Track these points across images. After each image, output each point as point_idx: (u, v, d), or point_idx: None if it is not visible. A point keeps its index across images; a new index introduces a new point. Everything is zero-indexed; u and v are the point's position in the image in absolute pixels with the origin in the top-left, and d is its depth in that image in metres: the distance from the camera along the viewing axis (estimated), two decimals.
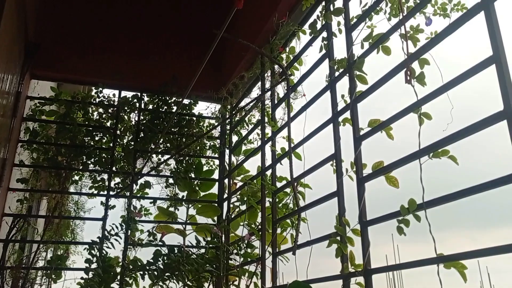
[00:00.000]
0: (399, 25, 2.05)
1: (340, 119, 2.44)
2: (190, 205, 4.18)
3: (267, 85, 3.48)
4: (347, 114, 2.39)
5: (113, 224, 3.48)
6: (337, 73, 2.50)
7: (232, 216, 3.96)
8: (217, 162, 4.38)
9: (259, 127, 3.66)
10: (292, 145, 2.91)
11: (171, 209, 4.07)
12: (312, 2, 2.78)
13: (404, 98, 2.01)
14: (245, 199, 3.91)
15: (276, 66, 3.37)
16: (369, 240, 2.03)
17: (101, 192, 3.90)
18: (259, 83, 3.65)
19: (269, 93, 3.42)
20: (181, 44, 4.50)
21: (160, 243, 3.67)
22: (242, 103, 4.12)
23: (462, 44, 1.86)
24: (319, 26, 2.75)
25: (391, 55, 2.26)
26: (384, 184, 2.16)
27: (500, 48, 1.50)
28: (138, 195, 3.99)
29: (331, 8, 2.59)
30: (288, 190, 3.25)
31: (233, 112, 4.11)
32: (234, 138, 4.28)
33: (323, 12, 2.67)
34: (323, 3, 2.70)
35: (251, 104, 3.63)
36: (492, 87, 1.49)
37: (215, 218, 4.14)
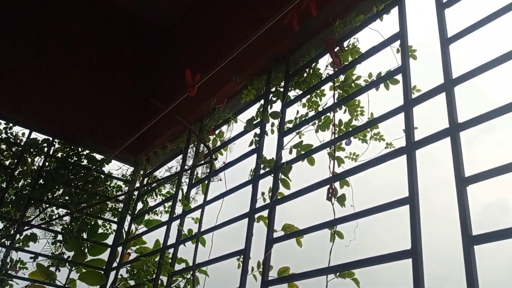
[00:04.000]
0: (329, 144, 2.20)
1: (256, 215, 2.48)
2: (73, 268, 3.84)
3: (189, 162, 3.47)
4: (264, 213, 2.45)
5: None
6: (262, 171, 2.58)
7: None
8: (114, 226, 4.15)
9: (169, 202, 3.59)
10: (202, 229, 2.87)
11: (52, 268, 3.70)
12: (252, 98, 2.91)
13: (321, 211, 2.12)
14: (135, 272, 3.71)
15: (202, 147, 3.40)
16: None
17: None
18: (180, 157, 3.64)
19: (188, 171, 3.40)
20: (109, 99, 4.40)
21: None
22: (157, 173, 4.05)
23: (384, 176, 2.04)
24: (254, 122, 2.87)
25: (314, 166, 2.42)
26: None
27: (415, 192, 1.66)
28: (17, 246, 3.61)
29: (269, 109, 2.74)
30: (184, 274, 3.15)
31: (147, 180, 4.00)
32: (139, 206, 4.12)
33: (261, 110, 2.80)
34: (262, 102, 2.85)
35: (168, 176, 3.57)
36: (404, 225, 1.63)
37: (98, 287, 3.83)
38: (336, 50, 2.41)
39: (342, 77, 2.44)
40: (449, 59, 1.73)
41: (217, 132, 3.38)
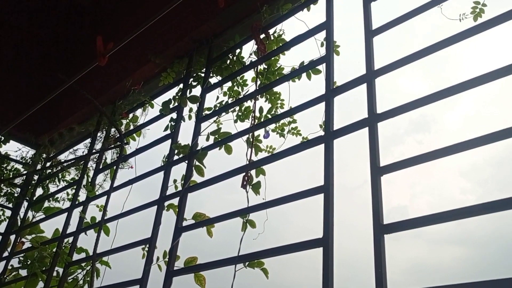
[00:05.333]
0: (248, 132, 2.13)
1: (167, 203, 2.34)
2: None
3: (97, 146, 3.23)
4: (175, 201, 2.31)
5: None
6: (176, 157, 2.44)
7: (6, 280, 3.33)
8: (8, 213, 3.76)
9: (73, 188, 3.31)
10: (106, 217, 2.66)
11: None
12: (171, 81, 2.76)
13: (235, 199, 2.04)
14: (29, 263, 3.38)
15: (113, 130, 3.18)
16: None
17: None
18: (89, 141, 3.39)
19: (96, 155, 3.16)
20: (4, 75, 3.97)
21: None
22: (62, 157, 3.74)
23: (300, 167, 2.00)
24: (171, 105, 2.72)
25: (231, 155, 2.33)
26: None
27: (330, 181, 1.64)
28: None
29: (187, 94, 2.61)
30: (84, 264, 2.91)
31: (50, 164, 3.67)
32: (39, 192, 3.77)
33: (179, 95, 2.66)
34: (181, 86, 2.71)
35: (72, 159, 3.30)
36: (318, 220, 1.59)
37: None
38: (261, 37, 2.35)
39: (265, 69, 2.39)
40: (372, 51, 1.74)
41: (130, 116, 3.18)
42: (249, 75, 2.53)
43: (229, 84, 2.55)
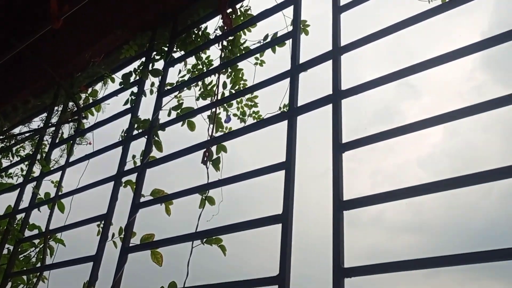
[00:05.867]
0: (211, 107, 2.07)
1: (124, 179, 2.26)
2: None
3: (54, 120, 3.09)
4: (133, 177, 2.24)
5: None
6: (135, 132, 2.36)
7: None
8: None
9: (26, 163, 3.17)
10: (61, 193, 2.56)
11: None
12: (132, 54, 2.66)
13: (195, 175, 1.99)
14: None
15: (70, 104, 3.05)
16: None
17: None
18: (45, 115, 3.24)
19: (52, 129, 3.03)
20: None
21: None
22: (16, 131, 3.57)
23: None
24: (132, 79, 2.62)
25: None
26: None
27: (292, 157, 1.61)
28: None
29: (150, 67, 2.52)
30: (36, 242, 2.79)
31: (3, 138, 3.49)
32: None
33: (141, 68, 2.57)
34: (144, 59, 2.61)
35: (27, 132, 3.15)
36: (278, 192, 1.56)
37: None
38: (228, 11, 2.29)
39: (230, 44, 2.33)
40: (339, 27, 1.71)
41: (90, 91, 3.06)
42: (215, 54, 2.47)
43: (194, 62, 2.48)
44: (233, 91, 2.15)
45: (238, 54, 2.18)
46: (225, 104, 2.41)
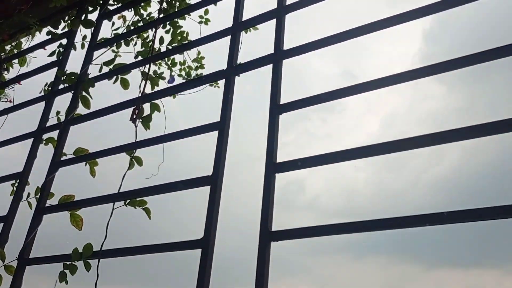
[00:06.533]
0: (145, 62, 1.93)
1: (45, 136, 2.07)
2: None
3: None
4: (55, 134, 2.06)
5: None
6: (61, 86, 2.17)
7: None
8: None
9: None
10: None
11: None
12: (64, 4, 2.43)
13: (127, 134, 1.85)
14: None
15: None
16: (22, 281, 1.65)
17: None
18: None
19: None
20: None
21: None
22: None
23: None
24: (61, 29, 2.40)
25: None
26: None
27: (227, 117, 1.52)
28: None
29: (82, 18, 2.31)
30: None
31: None
32: None
33: (72, 18, 2.36)
34: (76, 10, 2.40)
35: None
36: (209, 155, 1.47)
37: None
38: None
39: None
40: None
41: (14, 43, 2.79)
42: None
43: (134, 18, 2.31)
44: (170, 48, 2.01)
45: (180, 7, 2.04)
46: (169, 63, 2.28)
